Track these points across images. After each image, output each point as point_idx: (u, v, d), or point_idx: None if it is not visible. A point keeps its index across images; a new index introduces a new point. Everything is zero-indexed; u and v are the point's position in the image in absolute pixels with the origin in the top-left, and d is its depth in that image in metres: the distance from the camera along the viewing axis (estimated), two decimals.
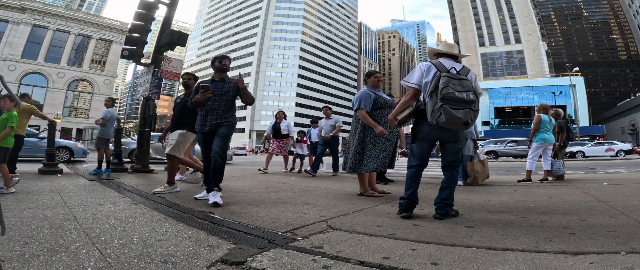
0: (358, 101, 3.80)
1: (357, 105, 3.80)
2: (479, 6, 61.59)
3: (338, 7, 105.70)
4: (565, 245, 1.82)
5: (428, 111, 2.50)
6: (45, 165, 5.87)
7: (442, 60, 2.69)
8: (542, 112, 5.82)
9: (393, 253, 1.72)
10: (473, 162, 5.15)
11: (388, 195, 3.89)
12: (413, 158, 2.73)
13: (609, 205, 3.05)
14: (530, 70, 54.93)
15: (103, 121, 6.29)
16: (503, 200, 3.58)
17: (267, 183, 5.15)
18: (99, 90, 36.76)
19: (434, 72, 2.58)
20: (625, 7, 74.43)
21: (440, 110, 2.39)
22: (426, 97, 2.57)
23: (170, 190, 3.94)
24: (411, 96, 2.70)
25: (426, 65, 2.67)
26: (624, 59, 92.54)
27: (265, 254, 1.70)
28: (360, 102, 3.78)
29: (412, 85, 2.66)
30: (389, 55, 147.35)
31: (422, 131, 2.68)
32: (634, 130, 49.78)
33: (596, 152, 21.73)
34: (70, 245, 1.75)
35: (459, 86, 2.45)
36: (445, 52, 2.74)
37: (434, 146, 2.79)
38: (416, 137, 2.72)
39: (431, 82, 2.55)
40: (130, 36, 6.97)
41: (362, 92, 3.89)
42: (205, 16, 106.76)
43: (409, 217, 2.59)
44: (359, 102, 3.79)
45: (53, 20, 34.71)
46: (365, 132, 3.78)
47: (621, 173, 8.26)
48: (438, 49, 2.77)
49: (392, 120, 2.77)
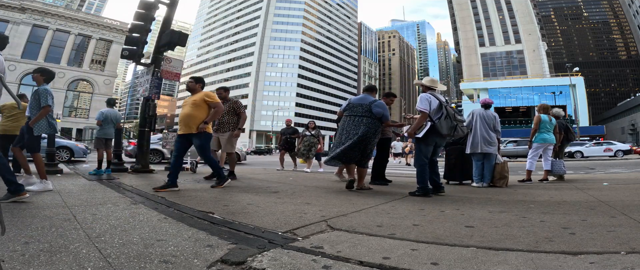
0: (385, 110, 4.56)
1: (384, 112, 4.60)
2: (479, 6, 61.57)
3: (338, 7, 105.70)
4: (565, 245, 1.82)
5: (443, 127, 3.85)
6: (45, 165, 5.87)
7: (431, 92, 4.01)
8: (542, 112, 5.82)
9: (393, 253, 1.72)
10: (502, 163, 5.11)
11: (388, 195, 3.94)
12: (424, 157, 3.98)
13: (609, 205, 3.05)
14: (530, 70, 54.92)
15: (98, 122, 6.34)
16: (503, 200, 3.59)
17: (267, 183, 5.15)
18: (99, 90, 36.77)
19: (436, 102, 3.92)
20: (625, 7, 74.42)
21: (456, 128, 3.94)
22: (436, 118, 3.89)
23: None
24: (424, 118, 3.91)
25: (430, 97, 3.94)
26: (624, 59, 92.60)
27: (265, 254, 1.70)
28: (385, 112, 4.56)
29: (425, 111, 3.88)
30: (389, 55, 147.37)
31: (432, 140, 3.98)
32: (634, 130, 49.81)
33: (595, 152, 21.73)
34: (70, 245, 1.75)
35: (456, 113, 4.03)
36: (432, 87, 4.09)
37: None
38: (427, 143, 3.98)
39: (437, 110, 3.90)
40: (130, 36, 6.97)
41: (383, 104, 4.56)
42: (205, 16, 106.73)
43: (428, 195, 3.79)
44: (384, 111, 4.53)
45: (53, 20, 34.72)
46: (370, 135, 4.32)
47: (621, 173, 8.26)
48: (428, 85, 4.11)
49: (412, 134, 4.00)
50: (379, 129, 4.36)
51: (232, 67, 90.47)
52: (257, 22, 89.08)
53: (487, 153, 5.05)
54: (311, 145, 8.58)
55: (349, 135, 4.24)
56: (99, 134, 6.36)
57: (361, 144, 4.18)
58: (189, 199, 3.47)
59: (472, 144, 5.11)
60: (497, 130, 5.22)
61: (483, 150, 5.05)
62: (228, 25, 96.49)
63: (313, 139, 8.65)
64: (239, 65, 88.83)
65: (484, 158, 5.06)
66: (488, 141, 5.04)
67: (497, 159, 5.10)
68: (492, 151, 5.06)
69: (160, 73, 6.98)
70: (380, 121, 4.32)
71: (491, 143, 5.06)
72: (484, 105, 5.40)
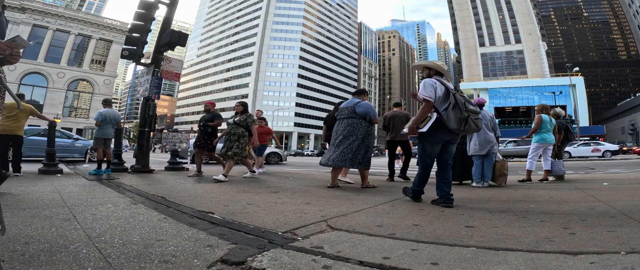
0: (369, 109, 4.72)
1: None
2: (479, 6, 61.57)
3: (338, 7, 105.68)
4: (565, 245, 1.82)
5: (451, 120, 3.01)
6: (45, 165, 5.87)
7: (439, 77, 3.21)
8: (542, 112, 5.82)
9: (393, 253, 1.71)
10: (502, 161, 5.19)
11: (388, 195, 3.95)
12: (426, 159, 3.26)
13: (609, 205, 3.05)
14: (530, 70, 54.92)
15: (97, 122, 6.34)
16: (503, 200, 3.58)
17: (267, 183, 5.15)
18: (99, 90, 36.74)
19: (443, 89, 3.11)
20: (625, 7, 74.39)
21: (467, 120, 3.00)
22: (443, 109, 3.08)
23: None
24: (428, 108, 3.12)
25: (435, 82, 3.13)
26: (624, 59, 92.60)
27: (265, 254, 1.70)
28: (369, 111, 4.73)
29: (428, 99, 3.07)
30: (389, 55, 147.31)
31: (437, 136, 3.17)
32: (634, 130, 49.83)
33: (582, 153, 21.51)
34: (70, 245, 1.75)
35: (468, 102, 3.11)
36: (439, 71, 3.27)
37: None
38: (433, 141, 3.20)
39: (443, 99, 3.09)
40: (130, 36, 6.97)
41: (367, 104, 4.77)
42: (205, 16, 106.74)
43: (420, 201, 3.31)
44: (368, 110, 4.71)
45: (53, 20, 34.68)
46: (369, 136, 4.60)
47: (621, 173, 8.25)
48: (435, 65, 3.28)
49: (415, 129, 3.19)
50: (367, 128, 4.60)
51: (232, 67, 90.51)
52: (257, 22, 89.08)
53: (487, 153, 5.07)
54: (233, 138, 5.72)
55: (337, 135, 4.61)
56: (98, 134, 6.35)
57: (346, 141, 4.50)
58: (189, 199, 3.47)
59: (478, 146, 5.09)
60: (496, 129, 5.24)
61: (484, 152, 5.06)
62: (228, 25, 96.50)
63: (236, 127, 5.75)
64: (239, 65, 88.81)
65: (484, 157, 5.07)
66: (488, 141, 5.06)
67: (496, 157, 5.13)
68: (493, 150, 5.08)
69: (160, 73, 6.99)
70: (365, 120, 4.57)
71: (491, 143, 5.08)
72: (477, 105, 5.41)
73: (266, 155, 14.12)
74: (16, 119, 5.24)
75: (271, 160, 13.82)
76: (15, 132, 5.26)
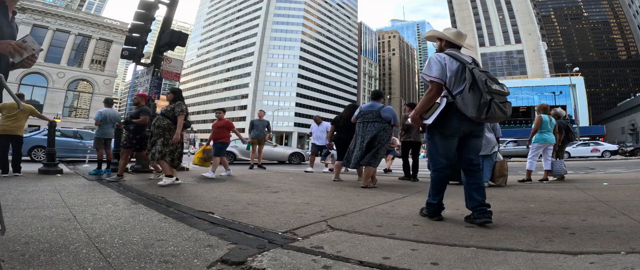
0: (393, 114, 4.92)
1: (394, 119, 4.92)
2: (479, 6, 61.62)
3: (338, 7, 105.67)
4: (565, 245, 1.82)
5: (468, 105, 2.26)
6: (45, 165, 5.87)
7: (452, 51, 2.50)
8: (542, 112, 5.82)
9: (393, 253, 1.72)
10: (502, 161, 5.18)
11: (388, 195, 3.94)
12: (439, 159, 2.47)
13: (609, 205, 3.05)
14: (530, 70, 54.96)
15: (96, 122, 6.35)
16: (503, 200, 3.58)
17: (267, 183, 5.15)
18: (99, 90, 36.73)
19: (457, 64, 2.38)
20: (625, 7, 74.41)
21: (490, 104, 2.21)
22: (458, 91, 2.35)
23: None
24: (436, 92, 2.41)
25: (444, 57, 2.43)
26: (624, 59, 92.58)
27: (265, 254, 1.70)
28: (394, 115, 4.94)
29: (435, 80, 2.38)
30: (389, 55, 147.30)
31: (451, 127, 2.39)
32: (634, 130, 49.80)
33: (581, 153, 21.56)
34: (70, 245, 1.75)
35: (491, 80, 2.31)
36: (453, 42, 2.53)
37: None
38: (443, 134, 2.43)
39: (457, 76, 2.36)
40: (130, 36, 6.98)
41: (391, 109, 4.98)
42: (205, 16, 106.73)
43: (441, 220, 2.48)
44: (393, 115, 4.92)
45: (53, 20, 34.68)
46: (381, 136, 4.79)
47: (621, 173, 8.25)
48: (447, 36, 2.53)
49: (418, 120, 2.49)
50: (390, 131, 4.89)
51: (232, 67, 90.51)
52: (257, 22, 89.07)
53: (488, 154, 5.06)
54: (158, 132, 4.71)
55: (363, 139, 4.81)
56: (98, 134, 6.36)
57: (371, 143, 4.75)
58: (189, 199, 3.47)
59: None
60: (496, 129, 5.24)
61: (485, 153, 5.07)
62: (228, 25, 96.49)
63: (161, 119, 4.75)
64: (239, 65, 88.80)
65: (484, 158, 5.07)
66: (489, 142, 5.06)
67: (496, 157, 5.13)
68: (493, 151, 5.08)
69: (160, 73, 6.99)
70: (389, 124, 4.84)
71: (492, 144, 5.08)
72: None
73: (289, 156, 13.16)
74: (16, 119, 5.25)
75: (293, 160, 13.26)
76: (15, 132, 5.27)
